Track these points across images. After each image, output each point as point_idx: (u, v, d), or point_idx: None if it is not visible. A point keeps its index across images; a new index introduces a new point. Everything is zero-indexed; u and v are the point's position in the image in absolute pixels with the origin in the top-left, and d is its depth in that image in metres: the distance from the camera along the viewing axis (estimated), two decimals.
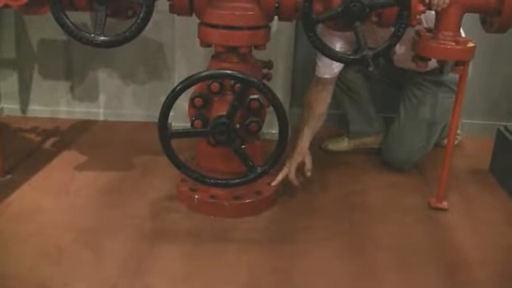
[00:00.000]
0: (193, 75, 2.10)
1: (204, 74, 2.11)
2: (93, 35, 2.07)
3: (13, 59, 3.45)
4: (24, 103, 3.55)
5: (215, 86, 2.20)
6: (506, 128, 3.04)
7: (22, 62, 3.47)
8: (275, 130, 2.26)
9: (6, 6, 2.23)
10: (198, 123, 2.22)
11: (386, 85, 3.19)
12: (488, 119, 3.52)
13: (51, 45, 3.39)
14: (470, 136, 3.45)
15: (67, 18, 2.07)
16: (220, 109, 2.19)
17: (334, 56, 2.19)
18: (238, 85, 2.14)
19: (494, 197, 2.81)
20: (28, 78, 3.51)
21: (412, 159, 2.98)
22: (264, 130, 2.40)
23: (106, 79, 3.47)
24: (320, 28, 2.50)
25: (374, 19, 2.25)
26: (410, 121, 2.96)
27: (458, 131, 3.34)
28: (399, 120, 3.00)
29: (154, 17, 2.52)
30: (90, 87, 3.50)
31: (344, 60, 2.21)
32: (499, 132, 3.05)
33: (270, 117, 2.32)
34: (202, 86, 2.24)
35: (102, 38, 2.07)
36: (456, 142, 3.30)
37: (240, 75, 2.08)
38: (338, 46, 2.64)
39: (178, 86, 2.09)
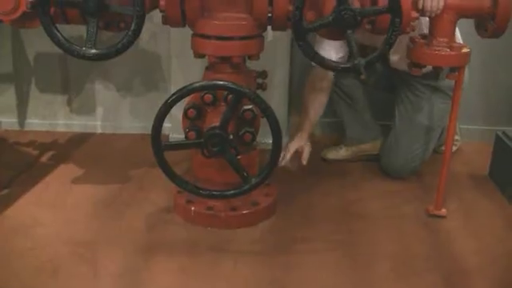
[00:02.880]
0: (185, 86, 2.10)
1: (196, 85, 2.11)
2: (84, 48, 2.06)
3: (10, 73, 3.46)
4: (22, 117, 3.56)
5: (208, 96, 2.19)
6: (504, 133, 3.02)
7: (19, 75, 3.48)
8: (271, 140, 2.25)
9: None
10: (191, 134, 2.22)
11: (382, 90, 3.17)
12: (487, 124, 3.51)
13: (48, 58, 3.40)
14: (469, 141, 3.44)
15: (58, 31, 2.06)
16: (213, 120, 2.18)
17: (325, 65, 2.18)
18: (230, 95, 2.13)
19: (493, 203, 2.79)
20: (25, 91, 3.52)
21: (410, 166, 2.96)
22: (261, 139, 2.39)
23: (102, 92, 3.47)
24: None
25: (367, 27, 2.25)
26: (406, 128, 2.95)
27: (457, 137, 3.33)
28: (395, 127, 2.99)
29: (150, 28, 2.54)
30: (87, 100, 3.50)
31: (336, 69, 2.21)
32: (498, 137, 3.04)
33: (266, 126, 2.31)
34: (195, 97, 2.23)
35: (94, 51, 2.06)
36: (455, 148, 3.29)
37: (232, 86, 2.07)
38: (338, 45, 2.66)
39: (170, 97, 2.08)
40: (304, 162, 2.72)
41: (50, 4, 2.03)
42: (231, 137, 2.14)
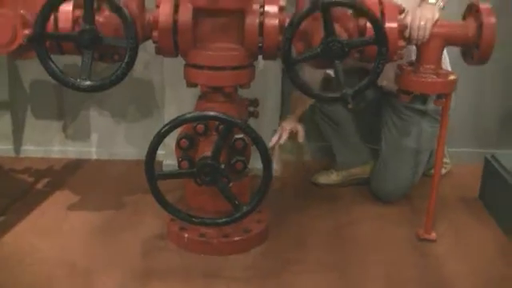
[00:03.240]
0: (177, 117, 2.14)
1: (188, 116, 2.15)
2: (78, 80, 2.11)
3: (6, 101, 3.50)
4: (17, 143, 3.58)
5: (200, 127, 2.23)
6: (493, 156, 3.06)
7: (14, 103, 3.51)
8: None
9: None
10: (184, 164, 2.26)
11: (371, 115, 3.21)
12: (477, 147, 3.55)
13: (43, 86, 3.44)
14: (460, 164, 3.47)
15: (53, 63, 2.11)
16: (205, 149, 2.22)
17: (313, 95, 2.24)
18: (222, 125, 2.18)
19: (483, 226, 2.83)
20: (21, 118, 3.55)
21: (399, 190, 3.01)
22: (254, 165, 2.44)
23: (97, 118, 3.51)
24: None
25: (356, 55, 2.30)
26: (394, 152, 2.99)
27: (447, 160, 3.38)
28: (382, 152, 3.04)
29: (144, 57, 2.59)
30: (82, 126, 3.54)
31: (324, 99, 2.26)
32: (487, 160, 3.08)
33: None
34: (187, 128, 2.28)
35: (88, 82, 2.11)
36: (445, 171, 3.34)
37: (223, 117, 2.11)
38: None
39: (163, 128, 2.13)
40: (301, 140, 2.85)
41: (46, 38, 2.08)
42: (223, 166, 2.18)
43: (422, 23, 2.37)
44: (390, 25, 2.30)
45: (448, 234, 2.73)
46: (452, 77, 2.47)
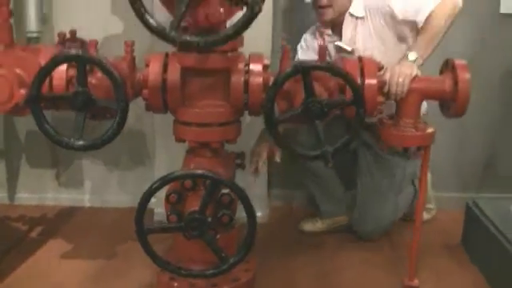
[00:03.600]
0: (167, 175, 2.23)
1: (177, 174, 2.24)
2: (72, 140, 2.20)
3: (1, 149, 3.60)
4: (11, 191, 3.67)
5: (188, 182, 2.32)
6: (474, 202, 3.13)
7: (10, 152, 3.61)
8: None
9: None
10: (172, 218, 2.34)
11: (350, 162, 3.27)
12: (461, 191, 3.64)
13: (37, 135, 3.45)
14: (445, 209, 3.54)
15: (48, 124, 2.21)
16: (193, 204, 2.30)
17: (296, 153, 2.33)
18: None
19: (465, 272, 2.90)
20: (16, 166, 3.64)
21: (380, 229, 3.12)
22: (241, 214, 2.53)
23: (90, 166, 3.61)
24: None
25: (337, 112, 2.41)
26: (373, 195, 3.09)
27: (432, 205, 3.47)
28: (361, 196, 3.13)
29: (136, 110, 2.69)
30: (76, 174, 3.63)
31: (305, 157, 2.35)
32: (468, 207, 3.16)
33: None
34: (176, 183, 2.36)
35: (81, 142, 2.20)
36: (430, 216, 3.44)
37: (209, 174, 2.20)
38: None
39: (152, 185, 2.22)
40: (278, 160, 2.89)
41: (41, 100, 2.18)
42: (209, 219, 2.27)
43: (401, 80, 2.49)
44: (370, 81, 2.42)
45: (430, 280, 2.81)
46: (430, 130, 2.57)
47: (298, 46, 3.10)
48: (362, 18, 2.88)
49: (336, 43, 2.94)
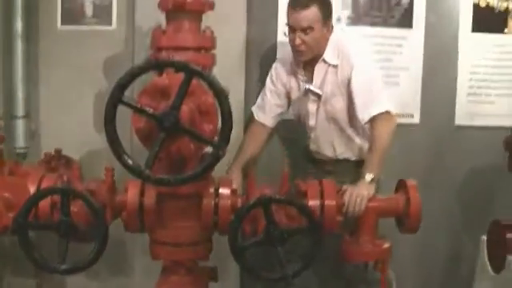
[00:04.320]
0: None
1: None
2: (57, 264, 2.42)
3: None
4: None
5: None
6: None
7: None
8: None
9: None
10: None
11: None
12: None
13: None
14: None
15: (34, 250, 2.44)
16: None
17: (260, 277, 2.56)
18: None
19: None
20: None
21: None
22: None
23: (72, 277, 3.67)
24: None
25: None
26: None
27: None
28: None
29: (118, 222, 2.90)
30: (58, 285, 3.77)
31: (268, 279, 2.57)
32: None
33: None
34: None
35: (64, 266, 2.42)
36: None
37: None
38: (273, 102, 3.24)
39: None
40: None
41: (28, 228, 2.41)
42: None
43: (358, 200, 2.74)
44: (329, 202, 2.67)
45: None
46: (386, 245, 2.80)
47: (268, 76, 3.30)
48: (334, 66, 3.08)
49: (307, 87, 3.16)
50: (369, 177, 2.86)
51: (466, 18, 3.73)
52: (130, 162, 2.23)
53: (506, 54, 3.77)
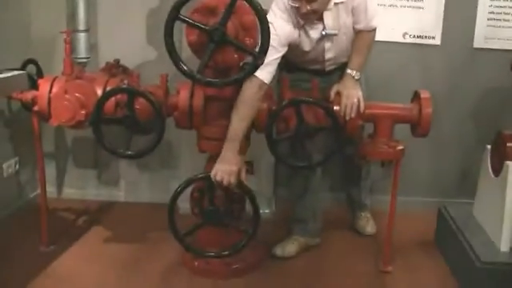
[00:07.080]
0: (189, 179, 2.96)
1: (196, 177, 2.97)
2: (122, 150, 2.99)
3: (52, 152, 4.18)
4: (59, 187, 4.27)
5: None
6: (445, 208, 3.64)
7: (59, 154, 4.22)
8: None
9: None
10: (195, 211, 3.05)
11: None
12: (439, 197, 4.11)
13: (82, 141, 4.15)
14: (420, 211, 3.97)
15: (104, 139, 2.98)
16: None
17: (286, 164, 3.07)
18: None
19: (434, 263, 3.42)
20: (63, 167, 4.25)
21: None
22: None
23: (126, 168, 4.21)
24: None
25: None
26: None
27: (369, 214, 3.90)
28: None
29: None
30: (113, 174, 4.24)
31: (297, 166, 3.08)
32: (440, 212, 3.66)
33: None
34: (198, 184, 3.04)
35: (129, 152, 3.03)
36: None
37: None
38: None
39: (178, 187, 2.96)
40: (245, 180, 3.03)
41: (101, 122, 2.92)
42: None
43: (355, 100, 3.05)
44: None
45: (403, 268, 3.36)
46: (400, 147, 3.17)
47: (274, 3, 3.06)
48: (342, 2, 3.04)
49: (324, 32, 3.07)
50: (357, 75, 3.12)
51: None
52: (185, 68, 2.66)
53: None
